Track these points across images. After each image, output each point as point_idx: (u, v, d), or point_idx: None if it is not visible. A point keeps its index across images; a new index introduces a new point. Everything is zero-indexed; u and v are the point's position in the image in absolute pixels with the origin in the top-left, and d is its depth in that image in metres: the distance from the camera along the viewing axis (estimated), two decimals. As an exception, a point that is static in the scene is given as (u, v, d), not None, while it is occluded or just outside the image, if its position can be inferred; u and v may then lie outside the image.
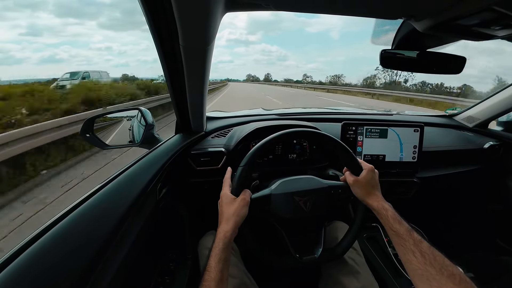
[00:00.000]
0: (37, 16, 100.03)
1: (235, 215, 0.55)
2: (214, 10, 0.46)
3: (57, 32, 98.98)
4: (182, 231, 1.00)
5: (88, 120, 0.90)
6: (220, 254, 0.50)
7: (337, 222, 0.85)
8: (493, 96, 1.17)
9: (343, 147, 0.68)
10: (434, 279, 0.43)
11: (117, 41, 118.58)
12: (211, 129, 1.05)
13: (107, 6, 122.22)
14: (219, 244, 0.51)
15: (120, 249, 0.49)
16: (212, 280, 0.46)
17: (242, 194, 0.58)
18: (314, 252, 0.64)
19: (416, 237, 0.52)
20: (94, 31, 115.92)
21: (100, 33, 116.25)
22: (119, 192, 0.58)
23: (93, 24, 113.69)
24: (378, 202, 0.61)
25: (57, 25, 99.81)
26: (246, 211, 0.57)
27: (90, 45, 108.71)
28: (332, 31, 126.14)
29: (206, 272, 0.47)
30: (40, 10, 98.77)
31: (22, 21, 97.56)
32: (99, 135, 0.92)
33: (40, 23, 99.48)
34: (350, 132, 1.00)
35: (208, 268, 0.48)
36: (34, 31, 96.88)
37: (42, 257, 0.39)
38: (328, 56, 47.78)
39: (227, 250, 0.51)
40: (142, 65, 25.89)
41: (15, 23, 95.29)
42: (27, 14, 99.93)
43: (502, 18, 0.46)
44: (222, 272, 0.48)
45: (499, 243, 1.22)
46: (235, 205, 0.56)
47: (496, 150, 1.14)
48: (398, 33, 0.66)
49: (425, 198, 1.13)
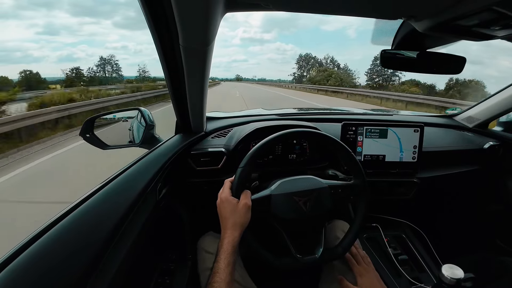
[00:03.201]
0: (53, 15, 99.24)
1: (241, 222, 0.57)
2: (214, 10, 0.46)
3: (74, 32, 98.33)
4: (182, 231, 1.00)
5: (88, 120, 0.90)
6: (229, 258, 0.53)
7: (337, 221, 0.85)
8: (493, 96, 1.17)
9: (343, 147, 0.68)
10: None
11: (132, 40, 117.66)
12: (211, 129, 1.05)
13: (122, 5, 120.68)
14: (228, 248, 0.54)
15: (120, 249, 0.49)
16: (223, 281, 0.49)
17: (243, 198, 0.59)
18: (315, 252, 0.64)
19: None
20: (110, 30, 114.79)
21: (115, 32, 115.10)
22: (119, 192, 0.58)
23: (108, 23, 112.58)
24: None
25: (73, 24, 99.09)
26: (250, 215, 0.59)
27: (106, 44, 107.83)
28: (349, 29, 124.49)
29: (216, 274, 0.50)
30: (55, 9, 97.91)
31: (38, 20, 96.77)
32: (99, 135, 0.92)
33: (57, 22, 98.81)
34: (350, 132, 1.00)
35: (218, 270, 0.51)
36: (51, 30, 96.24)
37: (42, 257, 0.39)
38: (344, 55, 47.57)
39: (235, 254, 0.55)
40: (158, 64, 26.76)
41: (32, 22, 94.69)
42: (43, 13, 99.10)
43: (502, 18, 0.46)
44: (230, 275, 0.51)
45: (499, 244, 1.22)
46: (240, 212, 0.57)
47: (496, 150, 1.14)
48: (398, 33, 0.66)
49: (425, 198, 1.13)
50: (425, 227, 1.11)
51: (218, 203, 0.61)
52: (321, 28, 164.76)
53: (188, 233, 1.01)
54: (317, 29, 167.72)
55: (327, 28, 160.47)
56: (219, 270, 0.51)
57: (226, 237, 0.55)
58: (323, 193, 0.66)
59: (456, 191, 1.22)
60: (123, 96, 9.87)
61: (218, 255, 0.54)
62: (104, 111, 1.68)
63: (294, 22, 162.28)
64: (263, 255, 0.61)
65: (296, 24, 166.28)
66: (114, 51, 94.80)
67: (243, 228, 0.57)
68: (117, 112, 1.03)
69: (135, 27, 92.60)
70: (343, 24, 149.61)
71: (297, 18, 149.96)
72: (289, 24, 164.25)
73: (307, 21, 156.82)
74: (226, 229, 0.57)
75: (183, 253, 0.98)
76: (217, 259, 0.53)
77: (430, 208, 1.25)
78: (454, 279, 0.58)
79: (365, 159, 1.01)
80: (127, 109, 1.03)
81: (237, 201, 0.59)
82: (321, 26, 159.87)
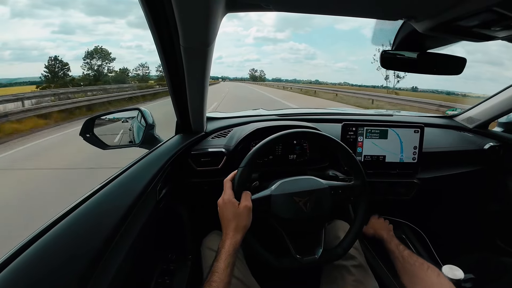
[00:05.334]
0: (68, 14, 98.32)
1: (244, 225, 0.57)
2: (214, 11, 0.46)
3: (90, 31, 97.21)
4: (182, 231, 1.00)
5: (88, 120, 0.90)
6: (230, 259, 0.53)
7: (337, 221, 0.85)
8: (493, 97, 1.17)
9: (343, 147, 0.68)
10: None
11: (146, 39, 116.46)
12: (211, 130, 1.05)
13: (135, 4, 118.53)
14: (230, 249, 0.54)
15: (120, 249, 0.49)
16: (222, 281, 0.50)
17: (244, 200, 0.59)
18: (315, 252, 0.64)
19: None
20: (124, 30, 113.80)
21: (129, 31, 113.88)
22: (119, 192, 0.58)
23: (122, 22, 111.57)
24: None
25: (88, 23, 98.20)
26: (251, 217, 0.59)
27: (121, 44, 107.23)
28: (365, 28, 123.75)
29: (215, 274, 0.50)
30: (70, 8, 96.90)
31: (54, 19, 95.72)
32: (99, 135, 0.92)
33: (72, 22, 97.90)
34: (350, 133, 1.00)
35: (218, 269, 0.51)
36: (66, 29, 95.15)
37: (42, 257, 0.39)
38: (359, 55, 46.18)
39: (235, 255, 0.55)
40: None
41: (48, 22, 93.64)
42: (58, 12, 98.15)
43: (503, 19, 0.46)
44: (230, 276, 0.52)
45: (499, 244, 1.22)
46: (242, 214, 0.58)
47: (496, 151, 1.14)
48: (398, 34, 0.66)
49: (425, 199, 1.13)
50: (425, 228, 1.11)
51: (220, 204, 0.60)
52: (335, 27, 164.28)
53: (188, 233, 1.01)
54: (331, 28, 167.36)
55: (343, 27, 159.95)
56: (219, 270, 0.51)
57: (228, 239, 0.56)
58: (323, 193, 0.66)
59: (456, 192, 1.22)
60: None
61: (219, 254, 0.54)
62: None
63: (309, 21, 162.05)
64: (262, 255, 0.61)
65: (311, 23, 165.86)
66: (129, 51, 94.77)
67: (245, 230, 0.58)
68: (117, 112, 1.03)
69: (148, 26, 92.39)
70: (359, 23, 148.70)
71: (312, 17, 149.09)
72: (303, 23, 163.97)
73: (322, 19, 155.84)
74: (229, 231, 0.57)
75: (183, 253, 0.98)
76: (218, 258, 0.53)
77: (430, 208, 1.25)
78: (454, 280, 0.58)
79: (365, 160, 1.01)
80: (127, 109, 1.03)
81: (239, 203, 0.58)
82: (336, 25, 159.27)
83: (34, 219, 1.66)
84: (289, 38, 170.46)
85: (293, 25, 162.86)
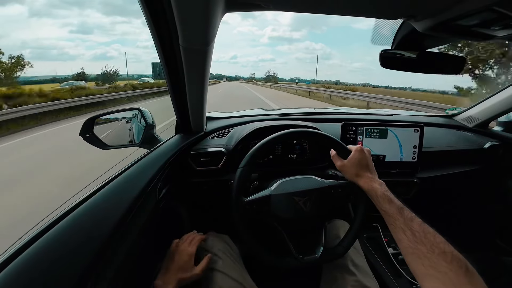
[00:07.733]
0: (86, 14, 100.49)
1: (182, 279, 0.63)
2: (213, 10, 0.46)
3: (107, 31, 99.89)
4: (182, 231, 1.00)
5: (88, 120, 0.89)
6: None
7: (337, 220, 0.85)
8: (493, 96, 1.17)
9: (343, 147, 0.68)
10: (425, 257, 0.42)
11: None
12: (211, 129, 1.05)
13: None
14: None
15: (120, 249, 0.49)
16: None
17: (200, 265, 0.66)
18: (315, 252, 0.64)
19: (407, 215, 0.51)
20: (141, 30, 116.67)
21: (146, 31, 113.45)
22: (119, 192, 0.58)
23: (138, 22, 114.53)
24: (367, 182, 0.61)
25: (106, 23, 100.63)
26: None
27: (137, 43, 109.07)
28: (383, 27, 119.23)
29: None
30: (87, 8, 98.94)
31: (72, 19, 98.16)
32: (99, 135, 0.92)
33: (90, 22, 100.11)
34: (350, 132, 1.00)
35: None
36: (84, 29, 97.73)
37: (42, 257, 0.39)
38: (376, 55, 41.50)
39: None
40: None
41: (66, 21, 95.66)
42: (76, 12, 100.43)
43: (502, 18, 0.46)
44: None
45: (499, 243, 1.22)
46: (191, 274, 0.64)
47: (496, 150, 1.14)
48: (398, 33, 0.66)
49: (425, 198, 1.13)
50: None
51: (177, 245, 0.70)
52: (352, 26, 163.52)
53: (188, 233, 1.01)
54: (348, 27, 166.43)
55: (360, 26, 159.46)
56: None
57: (174, 279, 0.62)
58: (323, 193, 0.66)
59: (456, 191, 1.22)
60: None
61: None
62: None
63: (326, 20, 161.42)
64: (263, 255, 0.61)
65: (328, 22, 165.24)
66: (145, 50, 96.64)
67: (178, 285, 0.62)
68: (117, 112, 1.02)
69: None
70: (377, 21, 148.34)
71: (329, 16, 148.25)
72: (320, 22, 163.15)
73: (339, 18, 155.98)
74: (172, 280, 0.62)
75: None
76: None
77: (430, 208, 1.25)
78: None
79: (365, 159, 1.01)
80: (127, 109, 1.02)
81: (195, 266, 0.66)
82: (353, 25, 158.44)
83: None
84: (305, 37, 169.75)
85: (310, 24, 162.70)
